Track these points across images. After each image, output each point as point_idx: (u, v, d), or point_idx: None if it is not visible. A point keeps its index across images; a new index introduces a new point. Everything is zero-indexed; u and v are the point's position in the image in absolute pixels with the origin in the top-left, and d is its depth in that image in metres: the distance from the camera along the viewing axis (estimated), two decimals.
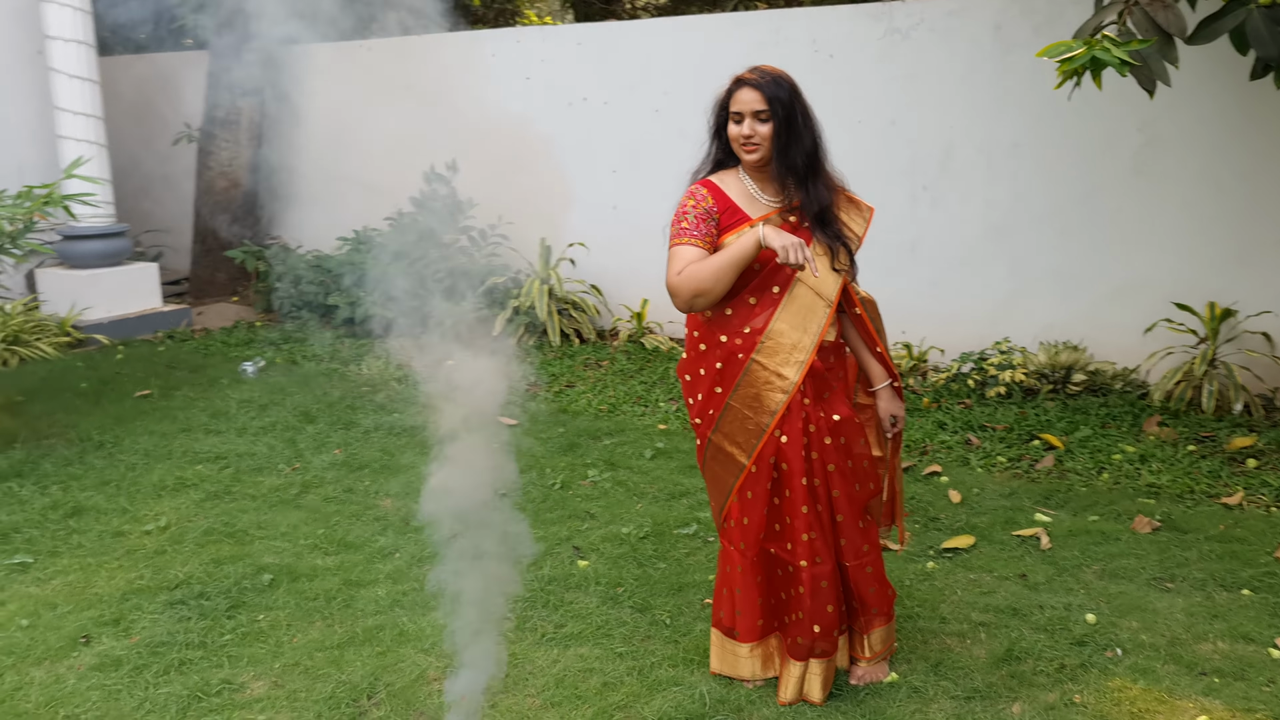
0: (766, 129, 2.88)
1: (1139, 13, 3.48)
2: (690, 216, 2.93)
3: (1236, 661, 3.17)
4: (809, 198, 2.95)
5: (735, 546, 3.07)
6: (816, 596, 2.97)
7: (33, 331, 7.18)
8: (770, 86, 2.89)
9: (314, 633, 3.50)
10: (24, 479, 4.83)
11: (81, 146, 7.55)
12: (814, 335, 2.94)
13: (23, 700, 3.12)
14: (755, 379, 2.95)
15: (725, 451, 3.03)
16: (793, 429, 2.95)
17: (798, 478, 2.95)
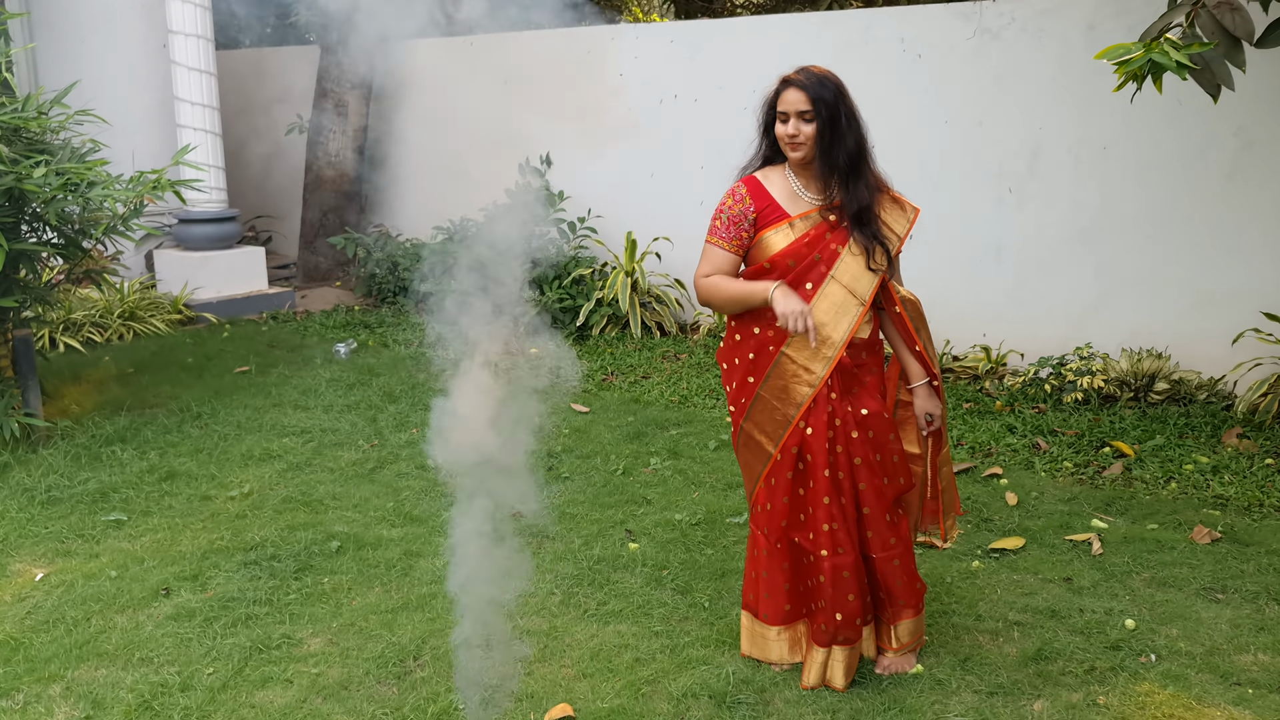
0: (810, 129, 2.96)
1: (1205, 15, 3.43)
2: (724, 217, 3.05)
3: (1275, 675, 3.12)
4: (849, 197, 3.02)
5: (761, 531, 3.16)
6: (837, 586, 3.04)
7: (148, 308, 7.64)
8: (815, 87, 2.96)
9: (372, 597, 3.71)
10: (126, 444, 5.19)
11: (198, 135, 8.00)
12: (844, 332, 3.01)
13: (105, 642, 3.40)
14: (784, 371, 3.04)
15: (755, 439, 3.13)
16: (818, 422, 3.02)
17: (820, 469, 3.03)
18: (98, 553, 4.07)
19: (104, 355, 6.91)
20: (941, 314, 6.75)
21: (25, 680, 3.18)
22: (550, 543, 4.14)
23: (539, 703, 3.04)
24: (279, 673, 3.22)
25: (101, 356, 6.87)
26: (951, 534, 3.36)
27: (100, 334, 7.29)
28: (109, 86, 8.06)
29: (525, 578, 3.68)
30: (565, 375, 6.53)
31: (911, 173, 6.79)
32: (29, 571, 3.92)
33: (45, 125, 5.29)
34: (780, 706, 3.01)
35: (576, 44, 8.43)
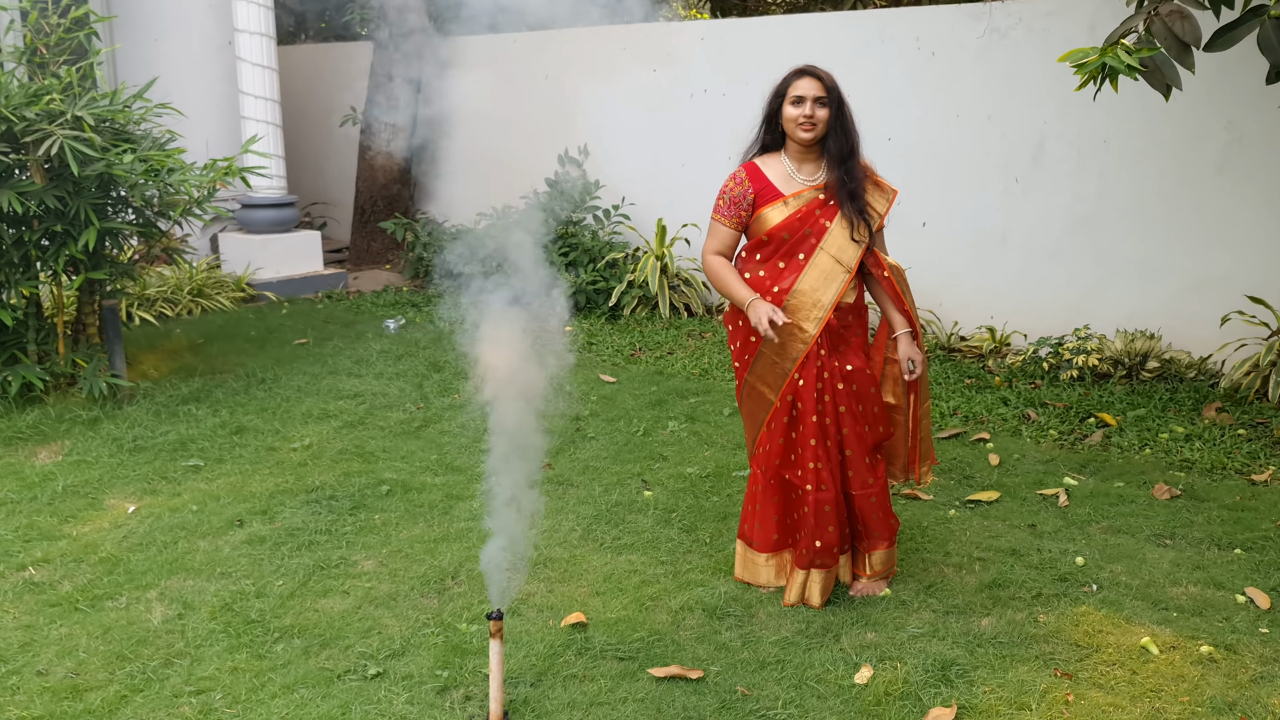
0: (825, 113, 3.42)
1: (1158, 22, 3.84)
2: (726, 198, 3.54)
3: (1201, 602, 3.56)
4: (846, 176, 3.47)
5: (759, 469, 3.65)
6: (819, 517, 3.52)
7: (214, 287, 8.28)
8: (828, 77, 3.45)
9: (416, 530, 4.25)
10: (200, 403, 5.79)
11: (260, 126, 8.62)
12: (832, 296, 3.49)
13: (190, 560, 3.98)
14: (781, 330, 3.52)
15: (758, 390, 3.61)
16: (809, 374, 3.51)
17: (809, 415, 3.51)
18: (179, 491, 4.66)
19: (175, 328, 7.54)
20: (951, 297, 7.25)
21: (126, 588, 3.76)
22: (574, 489, 4.66)
23: (558, 613, 3.56)
24: (337, 586, 3.77)
25: (173, 329, 7.51)
26: (926, 478, 3.79)
27: (171, 309, 7.93)
28: (180, 82, 8.69)
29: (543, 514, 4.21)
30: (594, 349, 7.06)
31: (924, 164, 7.26)
32: (122, 506, 4.51)
33: (129, 117, 5.89)
34: (763, 619, 3.51)
35: (613, 40, 8.93)
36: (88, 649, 3.34)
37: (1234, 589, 3.65)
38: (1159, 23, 3.86)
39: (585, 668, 3.21)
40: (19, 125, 5.31)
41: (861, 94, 7.64)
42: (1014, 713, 2.93)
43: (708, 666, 3.21)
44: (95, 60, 5.98)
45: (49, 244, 5.68)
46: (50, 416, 5.48)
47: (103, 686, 3.13)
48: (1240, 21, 3.91)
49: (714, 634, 3.40)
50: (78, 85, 5.69)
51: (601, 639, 3.36)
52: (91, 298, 6.00)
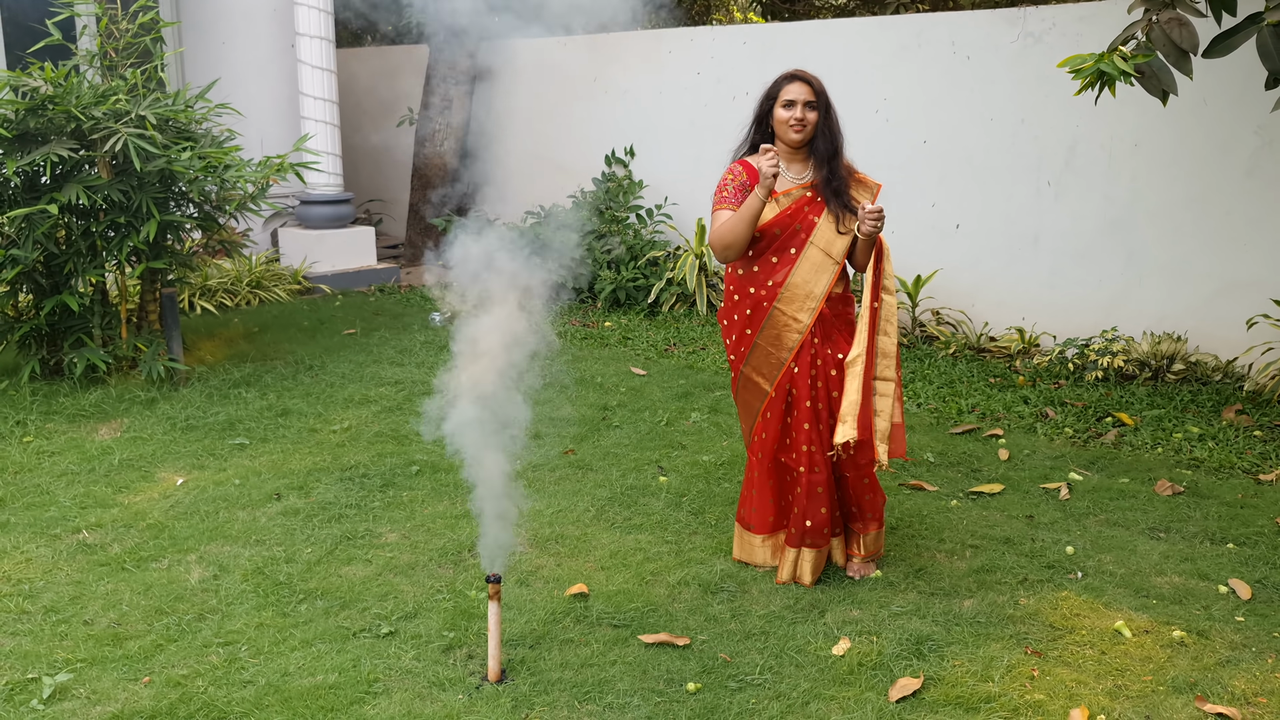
0: (814, 116, 3.61)
1: (1157, 29, 3.95)
2: (729, 187, 3.71)
3: (1183, 591, 3.67)
4: (832, 175, 3.65)
5: (756, 457, 3.84)
6: (811, 498, 3.70)
7: (271, 279, 8.67)
8: (817, 83, 3.64)
9: (440, 507, 4.51)
10: (250, 387, 6.13)
11: (319, 126, 9.00)
12: (824, 287, 3.66)
13: (229, 529, 4.28)
14: (776, 322, 3.69)
15: (753, 381, 3.80)
16: (803, 362, 3.69)
17: (803, 401, 3.69)
18: (225, 467, 4.97)
19: (233, 318, 7.93)
20: (983, 298, 7.35)
21: (169, 552, 4.07)
22: (593, 474, 4.89)
23: (563, 585, 3.79)
24: (361, 554, 4.04)
25: (231, 319, 7.89)
26: (880, 457, 3.65)
27: (231, 300, 8.32)
28: (244, 83, 9.12)
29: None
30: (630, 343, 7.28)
31: (958, 166, 7.37)
32: (171, 479, 4.84)
33: (190, 116, 6.25)
34: (755, 595, 3.70)
35: (660, 44, 9.16)
36: (130, 603, 3.65)
37: (1218, 580, 3.75)
38: (1158, 29, 3.96)
39: (581, 633, 3.43)
40: (87, 124, 5.69)
41: (899, 97, 7.83)
42: (977, 684, 3.08)
43: (695, 635, 3.41)
44: (160, 63, 6.36)
45: (113, 235, 6.06)
46: (111, 396, 5.86)
47: (141, 636, 3.43)
48: (1238, 29, 3.99)
49: (706, 606, 3.60)
50: (143, 86, 6.06)
51: (600, 608, 3.58)
52: (153, 286, 6.38)
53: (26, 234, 5.72)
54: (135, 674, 3.22)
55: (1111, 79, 3.88)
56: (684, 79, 8.97)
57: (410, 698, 3.08)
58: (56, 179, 5.92)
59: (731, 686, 3.11)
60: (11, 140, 5.74)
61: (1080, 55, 3.95)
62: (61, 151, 5.64)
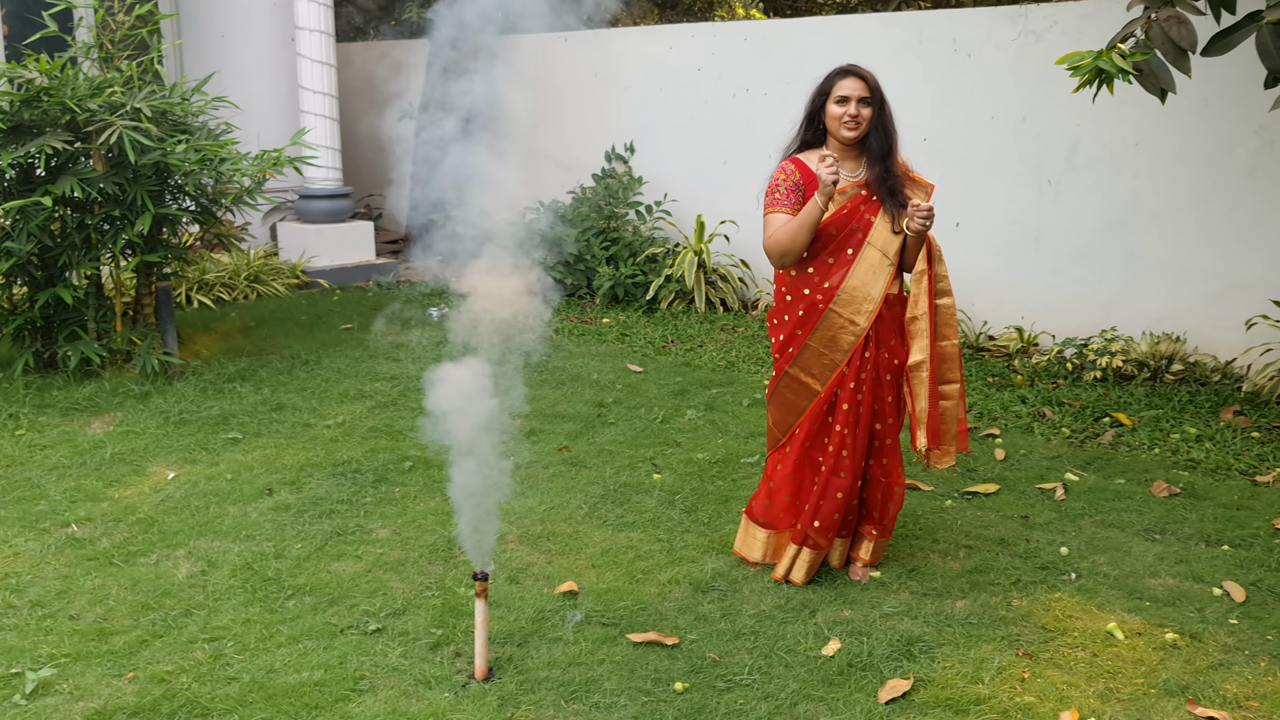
0: (868, 112, 3.52)
1: (1156, 27, 3.92)
2: (781, 188, 3.62)
3: (1176, 594, 3.64)
4: (886, 173, 3.57)
5: (784, 452, 3.75)
6: (826, 499, 3.63)
7: (270, 273, 8.65)
8: (872, 78, 3.55)
9: (432, 503, 4.49)
10: (245, 381, 6.11)
11: (318, 120, 8.98)
12: (881, 288, 3.58)
13: (219, 524, 4.26)
14: (832, 325, 3.60)
15: (801, 382, 3.68)
16: (853, 366, 3.60)
17: (842, 404, 3.61)
18: (217, 461, 4.95)
19: (231, 312, 7.91)
20: (983, 296, 7.31)
21: (158, 546, 4.05)
22: (586, 471, 4.86)
23: (553, 582, 3.76)
24: (351, 550, 4.02)
25: (229, 313, 7.87)
26: (940, 460, 3.65)
27: (229, 294, 8.31)
28: (243, 76, 9.10)
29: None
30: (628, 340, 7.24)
31: (959, 164, 7.33)
32: (163, 473, 4.82)
33: (187, 109, 6.23)
34: (746, 594, 3.67)
35: (661, 40, 9.12)
36: (117, 598, 3.63)
37: (1212, 582, 3.72)
38: (1156, 28, 3.93)
39: (570, 632, 3.41)
40: (82, 116, 5.67)
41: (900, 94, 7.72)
42: (967, 686, 3.05)
43: (685, 635, 3.38)
44: (156, 56, 6.34)
45: (108, 228, 6.04)
46: (105, 390, 5.84)
47: (127, 631, 3.41)
48: (1237, 27, 3.96)
49: (696, 605, 3.58)
50: (139, 79, 6.04)
51: (589, 606, 3.56)
52: (148, 280, 6.36)
53: (21, 226, 5.70)
54: (119, 669, 3.20)
55: (1109, 77, 3.84)
56: (685, 75, 8.93)
57: (396, 695, 3.06)
58: (51, 171, 5.90)
59: (720, 686, 3.09)
60: (6, 132, 5.72)
61: (1079, 53, 3.92)
62: (56, 144, 5.62)
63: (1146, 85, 3.98)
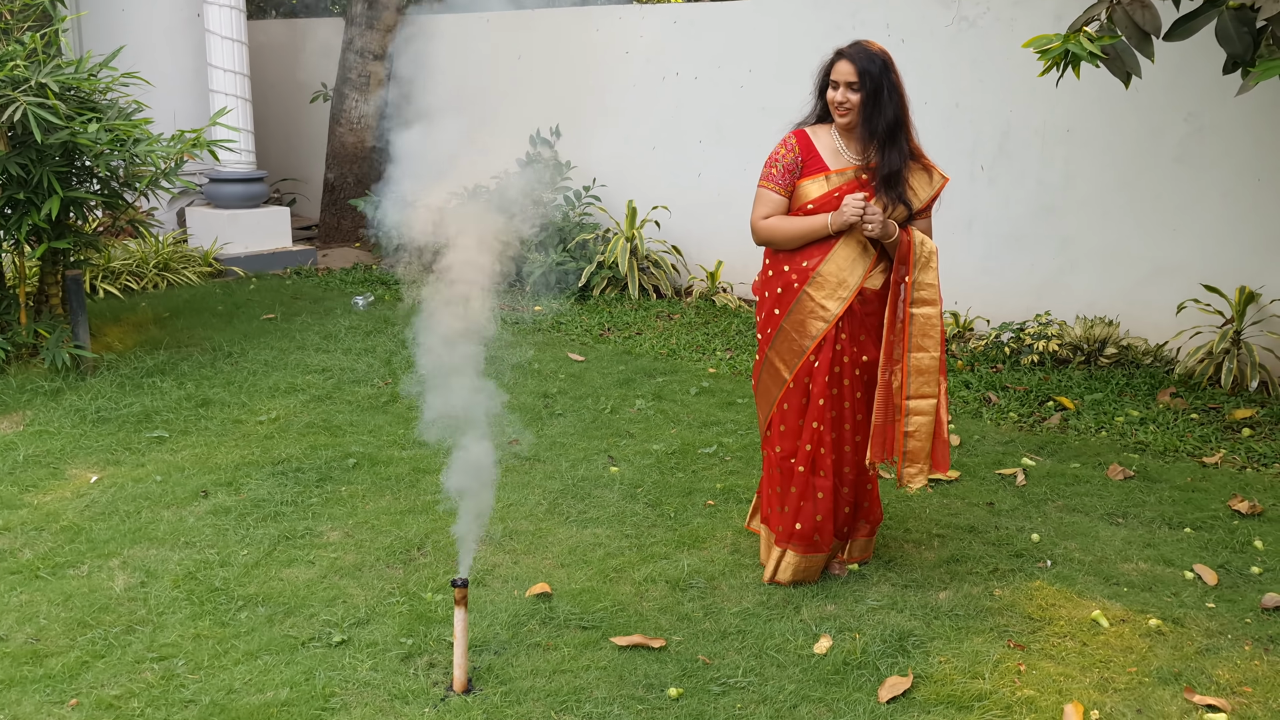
0: (856, 97, 3.38)
1: (1120, 10, 3.91)
2: (779, 165, 3.49)
3: (1151, 578, 3.65)
4: (883, 161, 3.43)
5: (773, 450, 3.59)
6: (806, 499, 3.49)
7: (180, 261, 8.21)
8: (864, 61, 3.37)
9: (383, 502, 4.27)
10: (165, 375, 5.76)
11: (229, 100, 8.54)
12: (859, 277, 3.44)
13: (153, 530, 3.97)
14: (803, 307, 3.47)
15: (775, 367, 3.55)
16: (824, 357, 3.46)
17: (817, 399, 3.47)
18: (143, 462, 4.64)
19: (141, 302, 7.48)
20: None
21: (88, 556, 3.75)
22: (541, 465, 4.69)
23: (523, 584, 3.59)
24: (303, 555, 3.78)
25: (139, 303, 7.45)
26: (912, 480, 3.47)
27: (136, 283, 7.86)
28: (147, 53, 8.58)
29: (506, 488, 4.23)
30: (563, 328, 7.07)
31: None
32: (84, 476, 4.49)
33: (94, 86, 5.83)
34: (725, 590, 3.56)
35: (587, 22, 8.93)
36: (48, 615, 3.34)
37: (1183, 566, 3.75)
38: (1120, 11, 3.92)
39: (549, 636, 3.25)
40: None
41: None
42: (968, 681, 3.00)
43: (670, 636, 3.25)
44: (60, 27, 5.91)
45: (11, 213, 5.62)
46: (11, 387, 5.44)
47: (64, 652, 3.14)
48: (1199, 12, 3.98)
49: (676, 605, 3.45)
50: (42, 52, 5.62)
51: (565, 609, 3.40)
52: (55, 268, 5.95)
53: None
54: (60, 696, 2.93)
55: (1077, 60, 3.82)
56: (612, 58, 8.76)
57: (372, 713, 2.86)
58: None
59: (714, 690, 2.97)
60: None
61: (1046, 35, 3.89)
62: None
63: (1112, 69, 3.98)
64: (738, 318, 7.37)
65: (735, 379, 6.04)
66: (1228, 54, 4.00)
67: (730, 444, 4.95)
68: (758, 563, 3.74)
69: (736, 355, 6.51)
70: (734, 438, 5.04)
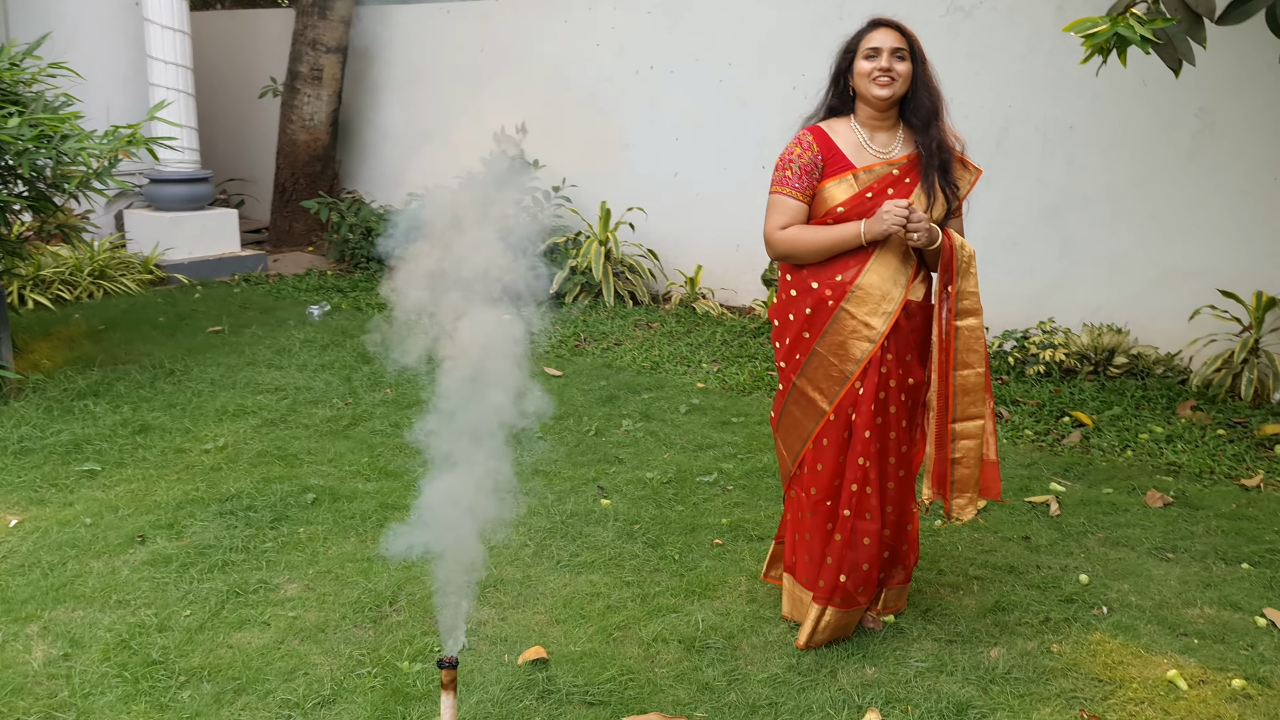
0: (904, 67, 2.94)
1: None
2: (794, 166, 3.01)
3: (1220, 626, 3.26)
4: (935, 145, 2.99)
5: (805, 493, 3.11)
6: (854, 548, 3.04)
7: (118, 267, 7.61)
8: (908, 29, 2.97)
9: (348, 546, 3.76)
10: (99, 398, 5.19)
11: (171, 94, 7.95)
12: (903, 287, 2.99)
13: (81, 585, 3.44)
14: (843, 327, 3.01)
15: (808, 396, 3.07)
16: (869, 383, 3.00)
17: (862, 430, 3.01)
18: (72, 501, 4.09)
19: (74, 313, 6.88)
20: None
21: (2, 621, 3.22)
22: (524, 498, 4.21)
23: (513, 646, 3.12)
24: (256, 615, 3.27)
25: (71, 314, 6.85)
26: (964, 511, 3.10)
27: (70, 292, 7.25)
28: (80, 42, 7.98)
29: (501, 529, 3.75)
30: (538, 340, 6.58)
31: None
32: (2, 518, 3.94)
33: (17, 76, 5.25)
34: (747, 652, 3.11)
35: (556, 12, 8.44)
36: None
37: (1250, 610, 3.36)
38: None
39: (550, 714, 2.78)
40: None
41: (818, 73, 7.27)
42: None
43: (691, 712, 2.80)
44: None
45: None
46: None
47: None
48: None
49: (694, 671, 2.99)
50: None
51: (567, 679, 2.93)
52: None
53: None
54: None
55: (1125, 44, 3.42)
56: (583, 51, 8.29)
57: None
58: None
59: None
60: None
61: (1091, 19, 3.48)
62: None
63: (1163, 56, 3.58)
64: (721, 326, 6.93)
65: (726, 394, 5.60)
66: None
67: (731, 470, 4.50)
68: (779, 615, 3.29)
69: (725, 368, 6.06)
70: (734, 463, 4.59)
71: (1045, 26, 6.30)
